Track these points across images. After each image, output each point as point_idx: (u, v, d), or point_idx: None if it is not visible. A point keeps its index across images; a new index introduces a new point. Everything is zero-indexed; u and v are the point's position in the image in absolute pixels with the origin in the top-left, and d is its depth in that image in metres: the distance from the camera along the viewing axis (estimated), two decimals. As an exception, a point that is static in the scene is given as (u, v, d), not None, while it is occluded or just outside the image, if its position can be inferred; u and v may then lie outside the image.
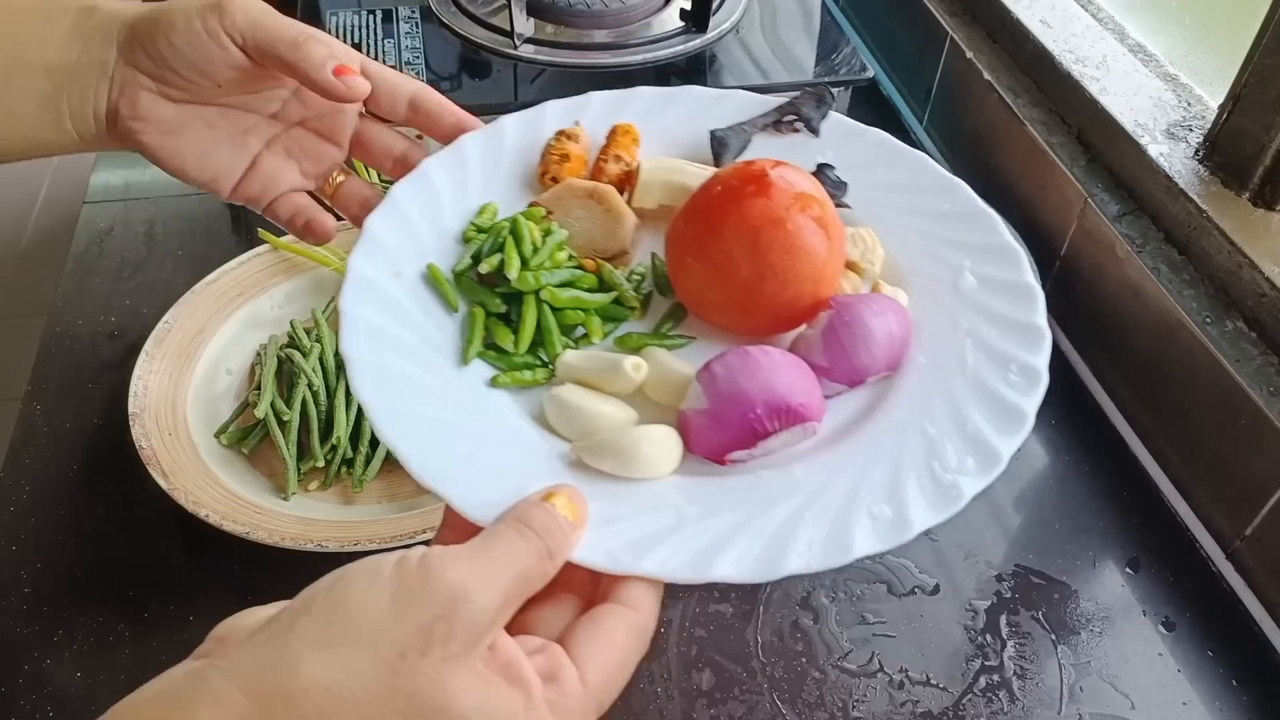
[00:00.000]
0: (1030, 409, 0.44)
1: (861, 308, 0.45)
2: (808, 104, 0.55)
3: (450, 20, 1.01)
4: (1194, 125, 0.79)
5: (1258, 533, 0.68)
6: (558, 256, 0.49)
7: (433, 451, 0.42)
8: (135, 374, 0.74)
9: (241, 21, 0.49)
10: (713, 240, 0.45)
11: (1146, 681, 0.65)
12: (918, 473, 0.42)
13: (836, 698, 0.63)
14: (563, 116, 0.57)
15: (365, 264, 0.48)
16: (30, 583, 0.67)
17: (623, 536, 0.40)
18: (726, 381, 0.42)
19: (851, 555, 0.39)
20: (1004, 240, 0.50)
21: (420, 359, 0.46)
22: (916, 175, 0.54)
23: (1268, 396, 0.66)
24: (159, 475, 0.68)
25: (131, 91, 0.50)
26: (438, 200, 0.52)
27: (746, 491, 0.42)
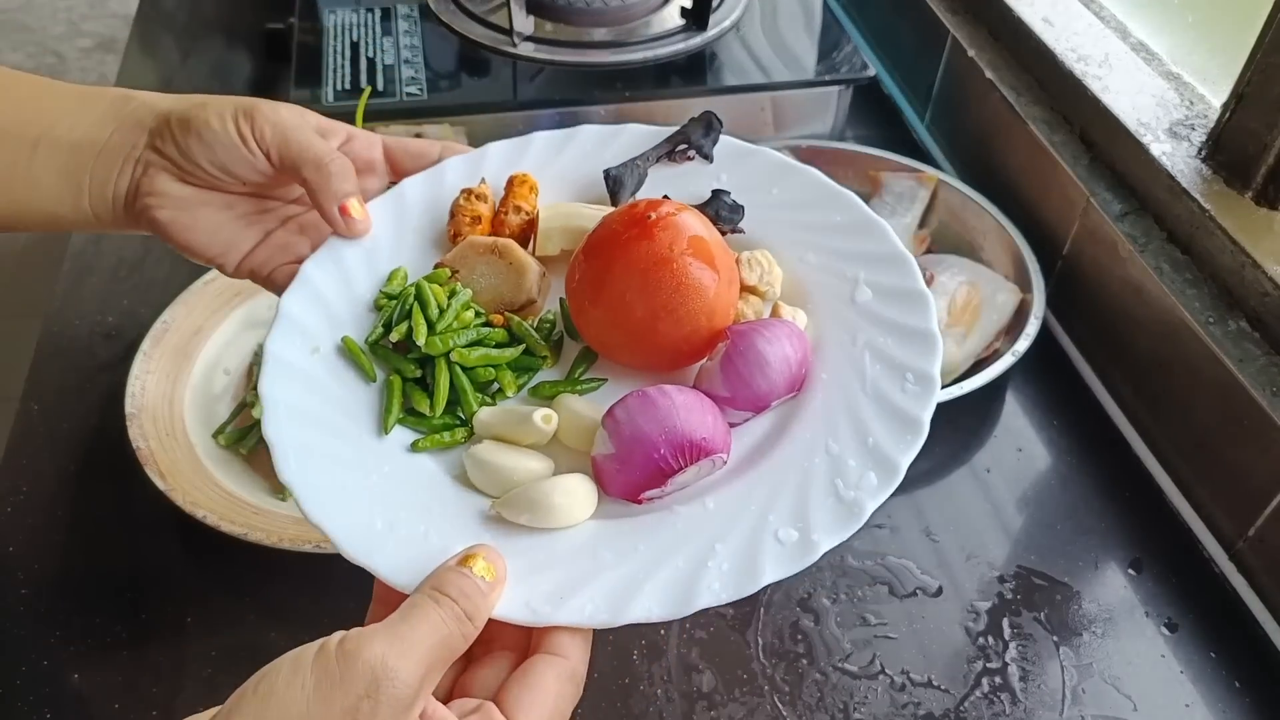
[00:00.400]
0: (925, 416, 0.45)
1: (755, 336, 0.46)
2: (697, 131, 0.56)
3: (449, 18, 1.00)
4: (1197, 124, 0.79)
5: (1260, 533, 0.68)
6: (465, 316, 0.51)
7: (357, 525, 0.44)
8: (132, 374, 0.74)
9: (270, 134, 0.51)
10: (605, 285, 0.47)
11: (1149, 683, 0.64)
12: (822, 492, 0.44)
13: (838, 699, 0.63)
14: (463, 171, 0.57)
15: (281, 345, 0.49)
16: (27, 584, 0.66)
17: (542, 588, 0.41)
18: (628, 425, 0.44)
19: (760, 584, 0.41)
20: (895, 248, 0.51)
21: (342, 433, 0.48)
22: (808, 190, 0.55)
23: (1270, 397, 0.66)
24: (156, 476, 0.67)
25: (153, 172, 0.52)
26: (348, 271, 0.53)
27: (661, 529, 0.44)
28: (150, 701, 0.61)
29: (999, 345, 0.81)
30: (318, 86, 0.92)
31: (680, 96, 0.95)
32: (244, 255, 0.55)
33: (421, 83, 0.93)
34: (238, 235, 0.55)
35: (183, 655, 0.63)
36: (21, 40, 2.55)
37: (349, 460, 0.47)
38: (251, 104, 0.51)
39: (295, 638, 0.64)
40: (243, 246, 0.55)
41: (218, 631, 0.65)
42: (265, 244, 0.56)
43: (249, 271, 0.56)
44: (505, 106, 0.93)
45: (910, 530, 0.72)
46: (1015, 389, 0.83)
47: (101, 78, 2.56)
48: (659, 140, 0.57)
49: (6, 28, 2.54)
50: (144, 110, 0.52)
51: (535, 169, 0.57)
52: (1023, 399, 0.82)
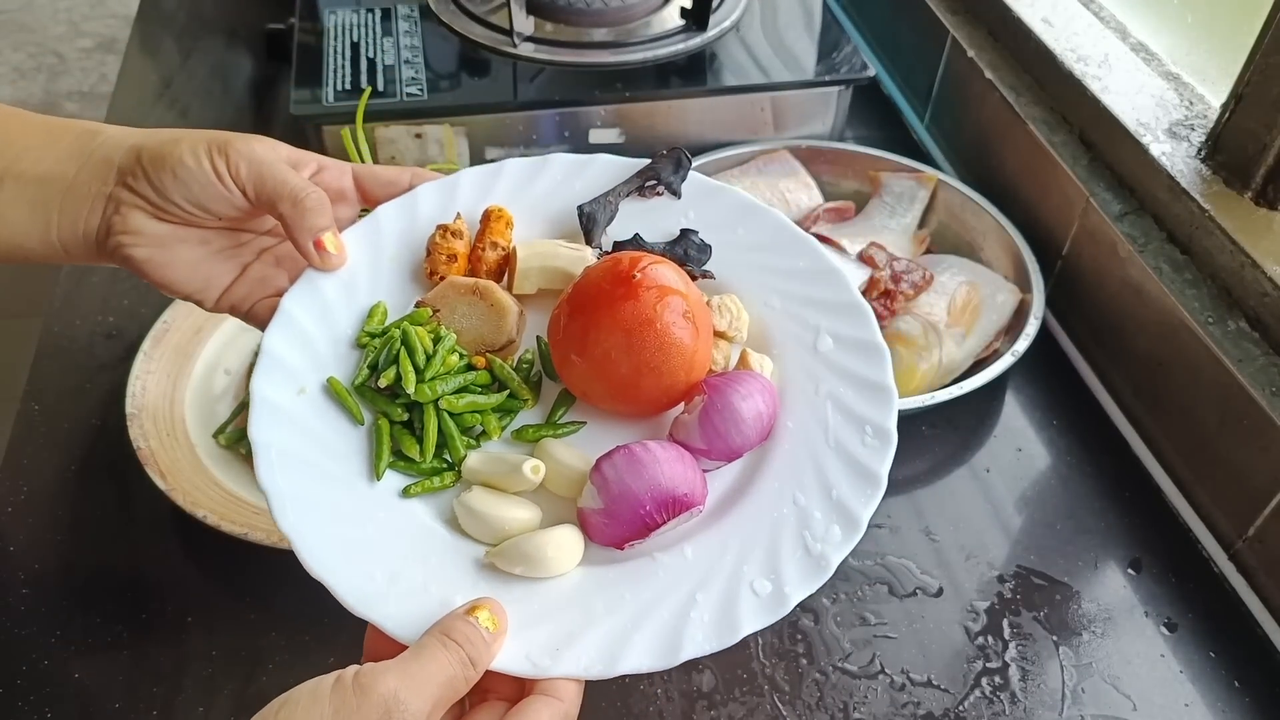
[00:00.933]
0: (883, 472, 0.48)
1: (731, 393, 0.49)
2: (666, 168, 0.58)
3: (449, 19, 1.00)
4: (1196, 124, 0.79)
5: (1260, 533, 0.68)
6: (450, 360, 0.51)
7: (359, 578, 0.45)
8: (133, 374, 0.74)
9: (245, 170, 0.51)
10: (591, 341, 0.49)
11: (1148, 683, 0.64)
12: (792, 544, 0.46)
13: (837, 699, 0.63)
14: (436, 199, 0.57)
15: (268, 386, 0.49)
16: (28, 583, 0.66)
17: (539, 640, 0.44)
18: (616, 483, 0.46)
19: (739, 636, 0.43)
20: (854, 298, 0.54)
21: (334, 479, 0.48)
22: (772, 233, 0.57)
23: (1270, 397, 0.66)
24: (156, 475, 0.67)
25: (125, 210, 0.51)
26: (328, 305, 0.53)
27: (646, 578, 0.46)
28: (150, 701, 0.61)
29: (998, 345, 0.81)
30: (318, 86, 0.92)
31: (680, 97, 0.95)
32: (223, 290, 0.55)
33: (422, 83, 0.93)
34: (215, 270, 0.54)
35: (183, 655, 0.64)
36: (22, 40, 2.55)
37: (345, 509, 0.47)
38: (225, 139, 0.51)
39: (295, 638, 0.64)
40: (221, 282, 0.55)
41: (218, 631, 0.65)
42: (243, 278, 0.55)
43: (229, 306, 0.55)
44: (505, 107, 0.93)
45: (910, 530, 0.72)
46: (1015, 389, 0.83)
47: (101, 78, 2.56)
48: (629, 173, 0.58)
49: (7, 28, 2.55)
50: (112, 146, 0.52)
51: (507, 198, 0.58)
52: (1022, 399, 0.82)
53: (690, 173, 0.58)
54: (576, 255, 0.55)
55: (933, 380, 0.77)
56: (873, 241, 0.83)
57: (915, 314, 0.80)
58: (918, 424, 0.80)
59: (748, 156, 0.95)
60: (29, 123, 0.52)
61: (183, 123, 1.05)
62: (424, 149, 0.93)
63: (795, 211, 0.92)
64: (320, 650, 0.63)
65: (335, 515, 0.47)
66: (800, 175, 0.94)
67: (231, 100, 1.09)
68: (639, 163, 0.58)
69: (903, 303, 0.80)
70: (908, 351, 0.77)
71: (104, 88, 2.54)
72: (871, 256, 0.81)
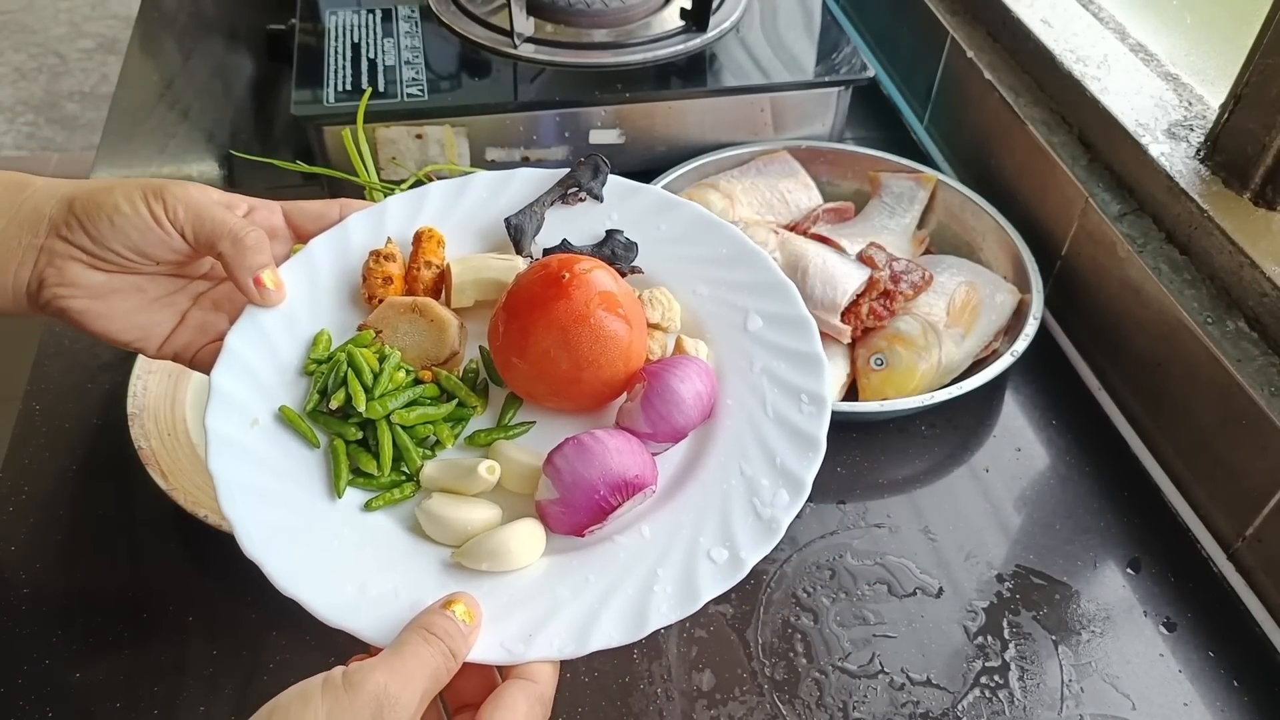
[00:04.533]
0: (822, 434, 0.50)
1: (669, 377, 0.51)
2: (585, 174, 0.60)
3: (450, 19, 1.01)
4: (1195, 125, 0.79)
5: (1259, 533, 0.68)
6: (397, 376, 0.53)
7: (331, 593, 0.46)
8: (134, 374, 0.74)
9: (182, 213, 0.51)
10: (529, 343, 0.51)
11: (1147, 682, 0.65)
12: (742, 512, 0.48)
13: (837, 699, 0.63)
14: (366, 227, 0.59)
15: (220, 423, 0.51)
16: (29, 583, 0.67)
17: (511, 629, 0.46)
18: (569, 473, 0.48)
19: (700, 602, 0.45)
20: (777, 277, 0.56)
21: (296, 504, 0.50)
22: (691, 225, 0.59)
23: (1269, 396, 0.66)
24: (158, 475, 0.67)
25: (60, 262, 0.51)
26: (271, 339, 0.54)
27: (608, 560, 0.48)
28: (151, 701, 0.61)
29: (998, 345, 0.81)
30: (319, 87, 0.92)
31: (680, 97, 0.96)
32: (164, 339, 0.55)
33: (422, 84, 0.93)
34: (153, 319, 0.55)
35: (183, 655, 0.64)
36: (23, 41, 2.55)
37: (309, 530, 0.49)
38: (159, 185, 0.51)
39: (295, 637, 0.64)
40: (161, 330, 0.55)
41: (219, 631, 0.65)
42: (183, 326, 0.56)
43: (172, 354, 0.56)
44: (506, 108, 0.93)
45: (909, 530, 0.73)
46: (1014, 389, 0.83)
47: (102, 79, 2.56)
48: (550, 183, 0.61)
49: (8, 29, 2.55)
50: (42, 198, 0.51)
51: (435, 219, 0.60)
52: (1021, 399, 0.82)
53: (610, 176, 0.61)
54: (508, 265, 0.57)
55: (932, 380, 0.77)
56: (872, 242, 0.83)
57: (915, 314, 0.80)
58: (917, 424, 0.80)
59: (747, 157, 0.95)
60: None
61: (183, 123, 1.05)
62: (424, 150, 0.93)
63: (795, 212, 0.92)
64: (320, 650, 0.63)
65: (300, 537, 0.49)
66: (800, 176, 0.94)
67: (232, 101, 1.09)
68: (559, 173, 0.61)
69: (902, 303, 0.81)
70: (907, 351, 0.77)
71: (105, 88, 2.54)
72: (871, 257, 0.81)
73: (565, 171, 0.60)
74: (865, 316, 0.79)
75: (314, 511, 0.50)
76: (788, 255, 0.81)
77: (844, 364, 0.80)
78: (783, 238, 0.83)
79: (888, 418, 0.79)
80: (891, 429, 0.79)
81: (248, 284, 0.53)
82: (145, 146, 1.02)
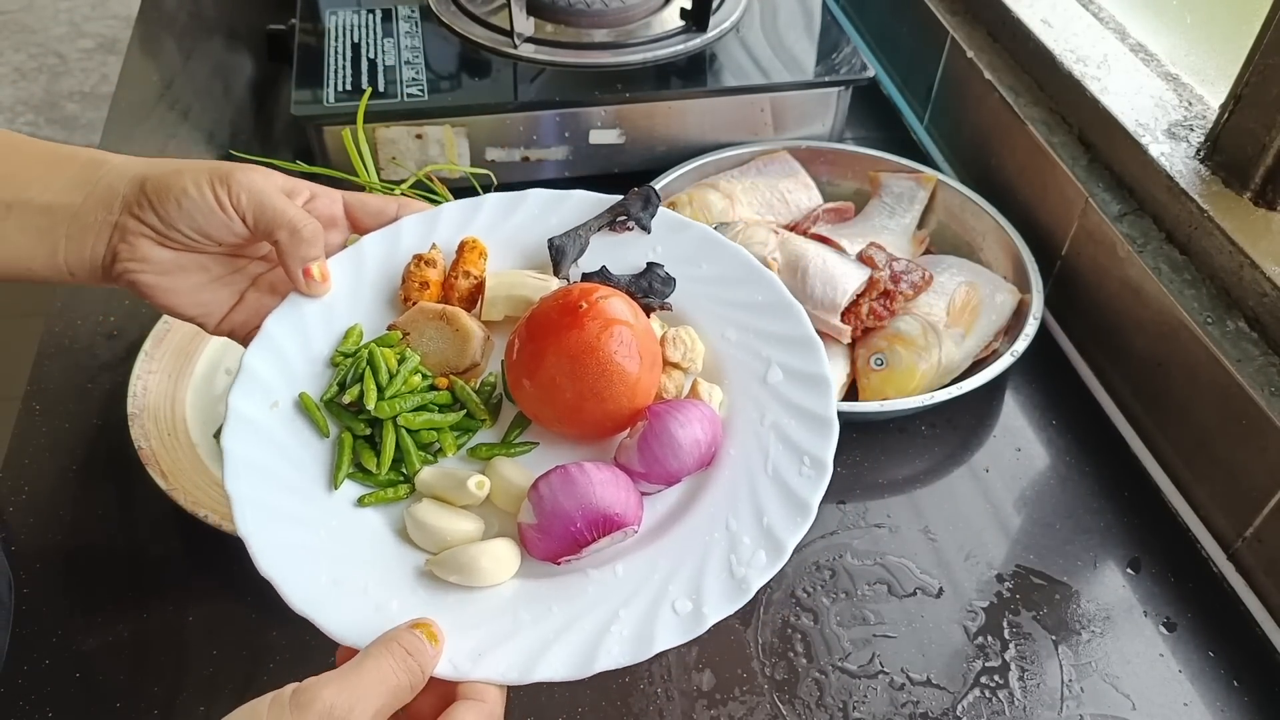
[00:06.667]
0: (814, 501, 0.49)
1: (670, 420, 0.50)
2: (635, 204, 0.60)
3: (450, 19, 1.01)
4: (1195, 125, 0.79)
5: (1259, 533, 0.68)
6: (412, 380, 0.54)
7: (305, 580, 0.47)
8: (134, 374, 0.74)
9: (245, 199, 0.53)
10: (539, 367, 0.51)
11: (1147, 682, 0.65)
12: (717, 567, 0.48)
13: (837, 699, 0.63)
14: (418, 231, 0.60)
15: (243, 401, 0.53)
16: (29, 583, 0.67)
17: (465, 645, 0.46)
18: (550, 500, 0.48)
19: (652, 652, 0.45)
20: (807, 332, 0.55)
21: (295, 488, 0.51)
22: (734, 268, 0.59)
23: (1269, 397, 0.66)
24: (158, 475, 0.67)
25: (132, 239, 0.53)
26: (307, 327, 0.56)
27: (575, 592, 0.48)
28: (151, 701, 0.61)
29: (998, 345, 0.81)
30: (319, 87, 0.92)
31: (680, 97, 0.96)
32: (222, 317, 0.58)
33: (422, 84, 0.93)
34: (214, 297, 0.57)
35: (184, 655, 0.64)
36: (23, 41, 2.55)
37: (301, 515, 0.50)
38: (226, 170, 0.53)
39: (296, 637, 0.64)
40: (220, 308, 0.57)
41: (219, 631, 0.65)
42: (240, 305, 0.58)
43: (229, 331, 0.58)
44: (506, 108, 0.93)
45: (909, 530, 0.73)
46: (1014, 389, 0.83)
47: (103, 79, 2.56)
48: (602, 208, 0.61)
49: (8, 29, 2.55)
50: (116, 176, 0.54)
51: (486, 230, 0.60)
52: (1021, 399, 0.82)
53: (660, 209, 0.60)
54: (542, 285, 0.57)
55: (932, 380, 0.77)
56: (872, 242, 0.83)
57: (915, 314, 0.80)
58: (917, 424, 0.80)
59: (747, 157, 0.95)
60: (33, 152, 0.54)
61: (184, 123, 1.05)
62: (424, 150, 0.93)
63: (795, 212, 0.92)
64: (320, 650, 0.63)
65: (291, 521, 0.50)
66: (800, 176, 0.94)
67: (232, 101, 1.09)
68: (612, 199, 0.61)
69: (902, 303, 0.81)
70: (907, 351, 0.77)
71: (105, 88, 2.54)
72: (871, 257, 0.81)
73: (618, 198, 0.60)
74: (865, 316, 0.79)
75: (310, 499, 0.51)
76: (788, 255, 0.81)
77: (844, 364, 0.80)
78: (783, 238, 0.83)
79: (888, 418, 0.79)
80: (891, 429, 0.79)
81: (297, 273, 0.55)
82: (145, 147, 1.02)
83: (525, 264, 0.60)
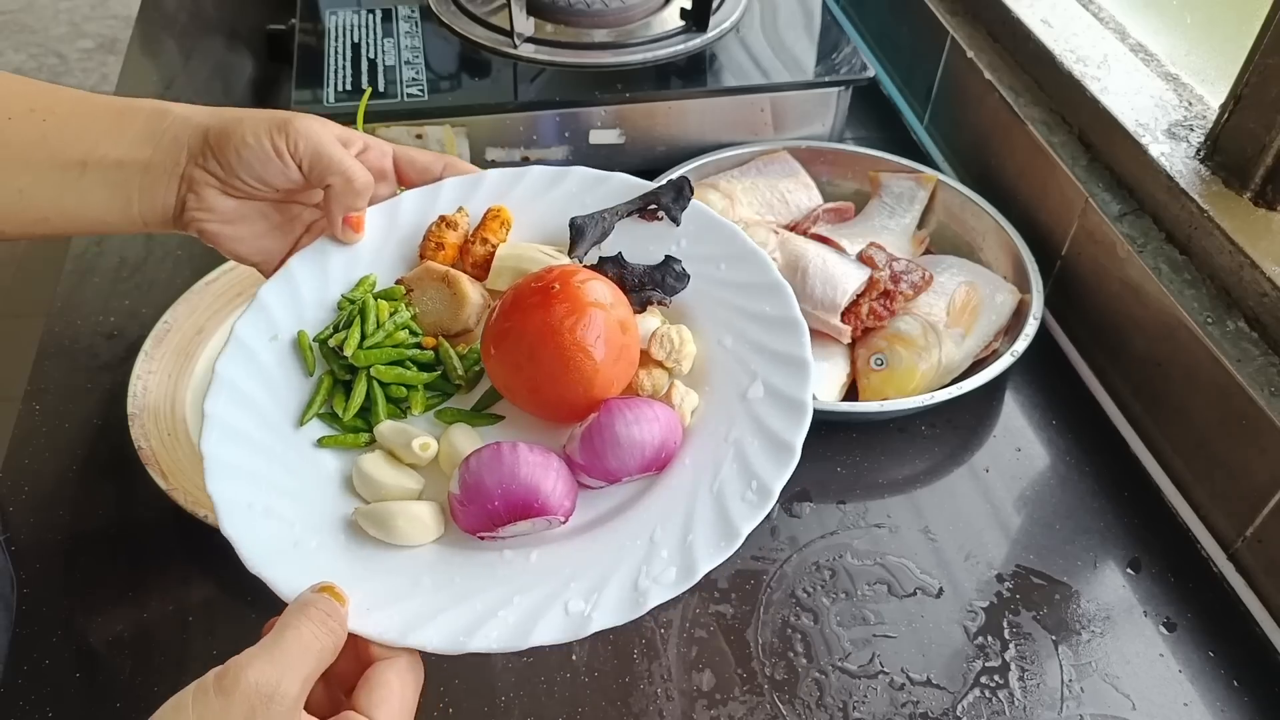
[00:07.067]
0: (745, 529, 0.47)
1: (617, 417, 0.49)
2: (668, 195, 0.59)
3: (450, 19, 1.01)
4: (1195, 125, 0.79)
5: (1259, 533, 0.68)
6: (398, 335, 0.55)
7: (242, 501, 0.49)
8: (134, 374, 0.74)
9: (303, 147, 0.55)
10: (504, 343, 0.51)
11: (1147, 682, 0.65)
12: (624, 577, 0.47)
13: (837, 699, 0.63)
14: (458, 193, 0.61)
15: (247, 329, 0.55)
16: (29, 583, 0.67)
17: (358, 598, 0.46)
18: (474, 475, 0.48)
19: (526, 644, 0.45)
20: (802, 354, 0.53)
21: (267, 418, 0.53)
22: (752, 275, 0.56)
23: (1269, 397, 0.66)
24: (158, 475, 0.67)
25: (198, 188, 0.56)
26: (328, 270, 0.58)
27: (484, 570, 0.48)
28: (151, 700, 0.61)
29: (998, 345, 0.81)
30: (319, 87, 0.92)
31: (680, 97, 0.96)
32: (279, 261, 0.60)
33: (422, 84, 0.93)
34: (274, 244, 0.60)
35: (184, 655, 0.64)
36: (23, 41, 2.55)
37: (262, 444, 0.52)
38: (285, 118, 0.55)
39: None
40: (278, 254, 0.60)
41: (219, 631, 0.65)
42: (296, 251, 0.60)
43: None
44: (506, 108, 0.93)
45: (909, 530, 0.73)
46: (1014, 389, 0.83)
47: (103, 79, 2.56)
48: (638, 194, 0.60)
49: (8, 29, 2.55)
50: (180, 126, 0.56)
51: (522, 202, 0.60)
52: (1021, 399, 0.82)
53: (695, 204, 0.59)
54: (549, 261, 0.57)
55: (932, 380, 0.77)
56: (872, 242, 0.83)
57: (915, 314, 0.80)
58: (917, 424, 0.80)
59: (748, 157, 0.95)
60: (100, 107, 0.56)
61: (184, 123, 1.05)
62: (424, 150, 0.93)
63: (795, 212, 0.92)
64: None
65: (250, 446, 0.51)
66: (800, 176, 0.94)
67: (232, 101, 1.09)
68: (649, 185, 0.60)
69: (902, 303, 0.81)
70: (907, 352, 0.77)
71: (105, 88, 2.54)
72: (871, 257, 0.81)
73: (653, 186, 0.59)
74: (865, 316, 0.79)
75: (276, 431, 0.53)
76: (788, 255, 0.81)
77: (844, 364, 0.80)
78: (783, 238, 0.83)
79: (888, 418, 0.79)
80: (891, 429, 0.79)
81: (338, 220, 0.57)
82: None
83: (551, 240, 0.60)
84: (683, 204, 0.59)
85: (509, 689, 0.63)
